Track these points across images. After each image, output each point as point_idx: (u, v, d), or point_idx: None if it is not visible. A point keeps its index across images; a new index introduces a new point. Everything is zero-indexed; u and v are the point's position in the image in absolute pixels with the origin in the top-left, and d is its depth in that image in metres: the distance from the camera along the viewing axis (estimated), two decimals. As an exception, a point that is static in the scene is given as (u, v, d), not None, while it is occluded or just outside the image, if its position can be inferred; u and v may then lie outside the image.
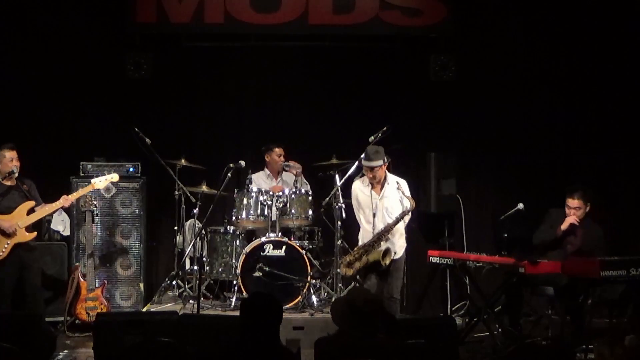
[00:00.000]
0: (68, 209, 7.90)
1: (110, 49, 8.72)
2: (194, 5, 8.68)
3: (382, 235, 6.84)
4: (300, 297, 7.52)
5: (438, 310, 8.38)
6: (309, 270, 7.63)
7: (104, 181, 7.55)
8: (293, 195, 7.87)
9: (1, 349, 4.49)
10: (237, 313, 4.42)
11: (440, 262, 7.18)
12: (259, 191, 7.89)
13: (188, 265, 8.19)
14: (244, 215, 7.86)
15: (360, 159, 7.05)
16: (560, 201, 7.26)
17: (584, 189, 7.14)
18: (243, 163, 7.53)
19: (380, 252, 6.79)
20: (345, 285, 7.78)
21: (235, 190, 7.97)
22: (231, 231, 8.01)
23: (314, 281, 7.73)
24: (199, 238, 7.96)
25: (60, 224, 8.14)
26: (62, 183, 8.01)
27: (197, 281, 7.45)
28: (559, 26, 8.88)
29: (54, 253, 7.90)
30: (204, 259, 7.86)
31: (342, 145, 8.21)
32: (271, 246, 7.65)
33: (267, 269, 7.52)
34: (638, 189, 8.82)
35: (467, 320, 7.36)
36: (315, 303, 7.51)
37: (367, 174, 6.91)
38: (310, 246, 8.07)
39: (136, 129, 7.89)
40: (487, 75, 8.93)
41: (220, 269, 7.97)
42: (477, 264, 6.87)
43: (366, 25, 8.80)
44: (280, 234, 7.78)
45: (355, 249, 7.03)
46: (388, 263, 6.82)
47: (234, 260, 7.86)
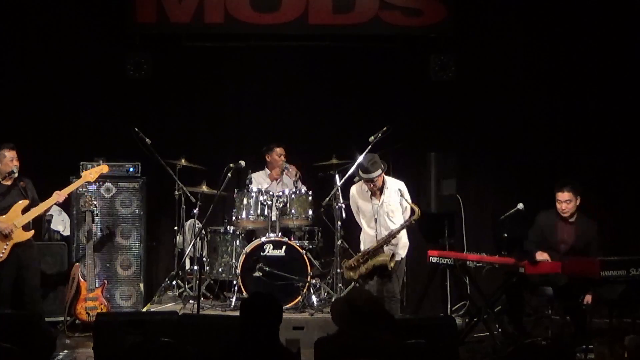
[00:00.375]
0: (68, 208, 7.92)
1: (110, 49, 8.72)
2: (194, 5, 8.69)
3: (387, 241, 6.84)
4: (300, 297, 7.52)
5: (438, 310, 8.38)
6: (309, 270, 7.63)
7: (94, 173, 7.53)
8: (293, 195, 7.88)
9: (1, 349, 4.49)
10: (237, 313, 4.42)
11: (440, 262, 7.17)
12: (259, 191, 7.90)
13: (188, 265, 8.19)
14: (244, 215, 7.86)
15: (358, 168, 6.97)
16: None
17: (573, 183, 7.16)
18: (243, 163, 7.53)
19: (387, 256, 6.77)
20: (345, 285, 7.78)
21: (235, 190, 7.97)
22: (231, 231, 8.01)
23: (314, 281, 7.73)
24: (199, 238, 7.96)
25: (60, 224, 8.14)
26: (62, 183, 8.01)
27: (197, 281, 7.45)
28: (559, 26, 8.88)
29: (54, 253, 7.89)
30: (204, 259, 7.87)
31: (342, 145, 8.20)
32: (271, 246, 7.66)
33: (267, 269, 7.52)
34: (638, 189, 8.82)
35: (467, 320, 7.36)
36: (315, 303, 7.51)
37: (368, 185, 6.89)
38: (310, 246, 8.07)
39: (136, 129, 7.88)
40: (487, 75, 8.93)
41: (220, 269, 7.97)
42: (477, 264, 6.87)
43: (366, 25, 8.80)
44: (280, 234, 7.78)
45: (360, 253, 6.99)
46: (393, 265, 6.81)
47: (234, 260, 7.86)
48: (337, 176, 7.79)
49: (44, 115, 8.67)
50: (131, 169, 8.14)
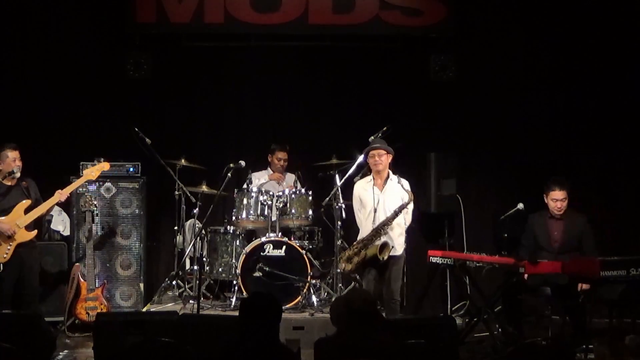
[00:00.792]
0: (68, 208, 7.91)
1: (110, 49, 8.72)
2: (194, 5, 8.69)
3: (381, 229, 6.87)
4: (300, 297, 7.52)
5: (438, 310, 8.38)
6: (309, 270, 7.63)
7: (95, 171, 7.53)
8: (293, 195, 7.88)
9: (1, 349, 4.49)
10: (237, 313, 4.42)
11: (440, 262, 7.16)
12: (259, 191, 7.90)
13: (188, 265, 8.19)
14: (244, 215, 7.86)
15: (365, 152, 7.10)
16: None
17: (565, 180, 7.20)
18: (243, 163, 7.53)
19: (376, 247, 6.82)
20: (345, 285, 7.79)
21: (235, 190, 7.97)
22: (231, 231, 8.01)
23: (314, 281, 7.73)
24: (199, 238, 7.96)
25: (60, 224, 8.14)
26: (62, 183, 8.01)
27: (197, 281, 7.45)
28: (559, 26, 8.87)
29: (54, 253, 7.89)
30: (204, 259, 7.87)
31: (342, 145, 8.21)
32: (271, 246, 7.66)
33: (267, 269, 7.52)
34: (638, 189, 8.82)
35: (467, 320, 7.35)
36: (315, 303, 7.51)
37: (372, 160, 6.96)
38: (310, 246, 8.07)
39: (136, 129, 7.89)
40: (487, 75, 8.93)
41: (220, 269, 7.97)
42: (477, 264, 6.86)
43: (366, 25, 8.80)
44: (280, 234, 7.78)
45: (354, 243, 7.06)
46: (386, 257, 6.82)
47: (234, 260, 7.86)
48: (337, 176, 7.80)
49: (44, 115, 8.66)
50: (131, 169, 8.14)
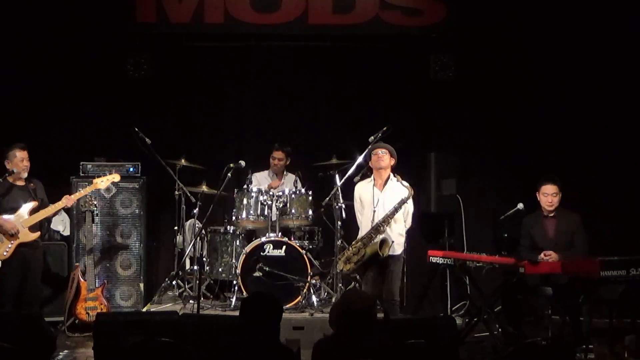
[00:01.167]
0: (68, 209, 7.91)
1: (110, 49, 8.72)
2: (194, 5, 8.69)
3: (380, 226, 6.88)
4: (300, 297, 7.52)
5: (438, 310, 8.38)
6: (309, 270, 7.63)
7: (106, 181, 7.57)
8: (293, 195, 7.87)
9: (1, 349, 4.49)
10: (237, 313, 4.42)
11: (440, 262, 7.17)
12: (259, 191, 7.89)
13: (188, 265, 8.19)
14: (244, 215, 7.85)
15: (368, 149, 7.12)
16: (562, 201, 7.28)
17: (556, 176, 7.23)
18: (243, 163, 7.53)
19: (376, 244, 6.82)
20: (345, 285, 7.79)
21: (235, 190, 7.97)
22: (231, 231, 8.01)
23: (314, 281, 7.72)
24: (199, 238, 7.96)
25: (60, 224, 8.14)
26: (62, 183, 8.02)
27: (197, 281, 7.45)
28: (558, 26, 8.87)
29: (54, 253, 7.91)
30: (204, 259, 7.87)
31: (342, 145, 8.21)
32: (271, 246, 7.65)
33: (267, 269, 7.52)
34: (638, 189, 8.82)
35: (467, 320, 7.36)
36: (315, 303, 7.50)
37: (375, 157, 6.99)
38: (310, 246, 8.07)
39: (136, 129, 7.89)
40: (487, 75, 8.92)
41: (220, 269, 7.97)
42: (477, 264, 6.86)
43: (366, 25, 8.81)
44: (280, 234, 7.78)
45: (353, 243, 7.06)
46: (387, 253, 6.83)
47: (234, 260, 7.86)
48: (337, 176, 7.79)
49: (44, 114, 8.66)
50: (131, 169, 8.14)
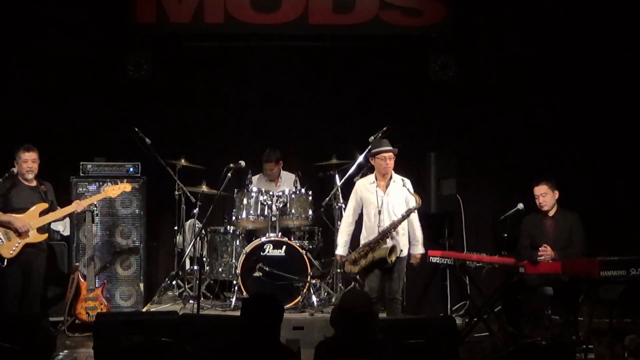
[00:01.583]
0: (68, 209, 7.93)
1: (110, 49, 8.72)
2: (194, 5, 8.69)
3: (388, 232, 6.85)
4: (300, 297, 7.52)
5: (438, 310, 8.38)
6: (309, 270, 7.63)
7: (117, 190, 7.57)
8: (293, 195, 7.87)
9: (1, 349, 4.49)
10: (237, 313, 4.42)
11: (440, 262, 7.17)
12: (259, 191, 7.90)
13: (188, 265, 8.19)
14: (244, 215, 7.85)
15: (373, 153, 7.03)
16: (562, 202, 7.28)
17: (548, 177, 7.27)
18: (243, 163, 7.53)
19: (386, 250, 6.80)
20: (345, 285, 7.79)
21: (235, 190, 7.97)
22: (231, 231, 8.01)
23: (314, 281, 7.72)
24: (199, 238, 7.96)
25: (60, 224, 8.13)
26: (62, 183, 8.02)
27: (197, 281, 7.45)
28: (558, 26, 8.87)
29: (54, 253, 7.89)
30: (204, 259, 7.87)
31: (342, 145, 8.21)
32: (271, 246, 7.65)
33: (267, 269, 7.52)
34: (638, 189, 8.82)
35: (467, 320, 7.36)
36: (315, 303, 7.50)
37: (381, 163, 6.90)
38: (310, 246, 8.07)
39: (136, 129, 7.89)
40: (487, 75, 8.93)
41: (220, 269, 7.97)
42: (477, 264, 6.87)
43: (366, 25, 8.80)
44: (280, 234, 7.78)
45: (361, 246, 7.01)
46: (394, 260, 6.82)
47: (234, 260, 7.86)
48: (337, 176, 7.80)
49: (44, 115, 8.67)
50: (131, 169, 8.15)
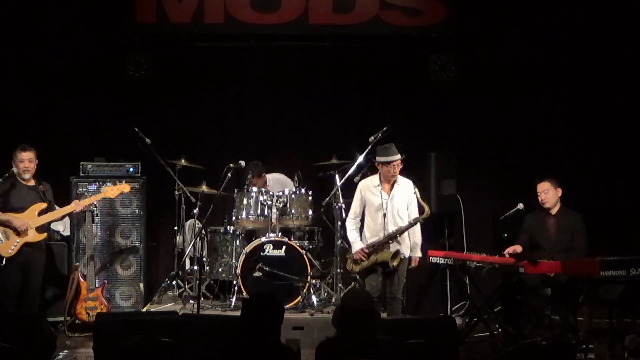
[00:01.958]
0: (68, 209, 7.93)
1: (110, 49, 8.72)
2: (194, 5, 8.70)
3: (393, 237, 6.85)
4: (300, 297, 7.52)
5: (438, 310, 8.38)
6: (309, 270, 7.63)
7: (116, 190, 7.57)
8: (293, 195, 7.87)
9: (1, 349, 4.49)
10: (237, 313, 4.42)
11: (440, 262, 7.17)
12: (259, 191, 7.89)
13: (188, 265, 8.19)
14: (244, 215, 7.85)
15: (372, 158, 7.06)
16: (562, 201, 7.28)
17: (551, 175, 7.23)
18: (243, 163, 7.54)
19: (390, 254, 6.80)
20: (345, 285, 7.78)
21: (235, 190, 7.97)
22: (231, 231, 8.01)
23: (314, 281, 7.72)
24: (199, 238, 7.96)
25: (60, 224, 8.14)
26: (62, 183, 8.02)
27: (197, 281, 7.45)
28: (558, 26, 8.88)
29: (54, 253, 7.89)
30: (204, 259, 7.87)
31: (342, 145, 8.21)
32: (271, 246, 7.65)
33: (267, 269, 7.52)
34: (638, 189, 8.82)
35: (467, 320, 7.36)
36: (315, 303, 7.50)
37: (388, 171, 6.88)
38: (310, 246, 8.07)
39: (136, 129, 7.89)
40: (487, 75, 8.93)
41: (220, 269, 7.96)
42: (477, 264, 6.87)
43: (366, 25, 8.81)
44: (280, 234, 7.78)
45: (365, 246, 6.99)
46: (396, 264, 6.82)
47: (234, 260, 7.86)
48: (337, 176, 7.79)
49: (44, 115, 8.67)
50: (131, 169, 8.15)
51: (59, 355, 6.75)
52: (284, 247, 7.66)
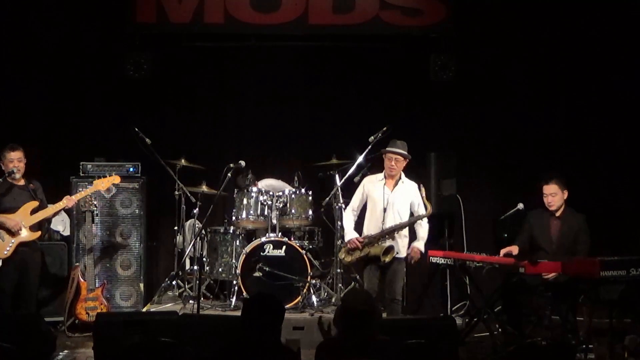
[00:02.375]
0: (68, 209, 7.91)
1: (110, 49, 8.73)
2: (194, 5, 8.70)
3: (391, 233, 6.86)
4: (300, 297, 7.52)
5: (438, 310, 8.37)
6: (309, 270, 7.63)
7: (106, 182, 7.56)
8: (293, 195, 7.88)
9: (1, 349, 4.50)
10: (237, 313, 4.42)
11: (440, 262, 7.18)
12: (259, 191, 7.90)
13: (188, 265, 8.20)
14: (244, 215, 7.86)
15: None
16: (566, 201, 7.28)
17: (559, 175, 7.15)
18: (243, 163, 7.52)
19: (382, 249, 6.81)
20: (345, 285, 7.79)
21: (235, 190, 7.97)
22: (231, 231, 8.01)
23: (314, 281, 7.72)
24: (199, 238, 7.96)
25: (60, 224, 8.14)
26: (62, 183, 8.02)
27: (197, 281, 7.45)
28: (558, 26, 8.88)
29: (54, 253, 7.90)
30: (204, 259, 7.87)
31: (342, 145, 8.21)
32: (271, 246, 7.66)
33: (267, 269, 7.52)
34: (638, 189, 8.82)
35: (467, 320, 7.36)
36: (315, 303, 7.50)
37: (387, 162, 6.94)
38: (310, 246, 8.07)
39: (136, 129, 7.89)
40: (487, 76, 8.93)
41: (220, 269, 7.97)
42: (477, 264, 6.86)
43: (366, 25, 8.81)
44: (280, 234, 7.78)
45: (361, 237, 7.02)
46: (388, 261, 6.83)
47: (234, 260, 7.86)
48: (337, 176, 7.80)
49: (44, 115, 8.68)
50: (131, 169, 8.14)
51: (59, 355, 6.75)
52: (284, 247, 7.66)
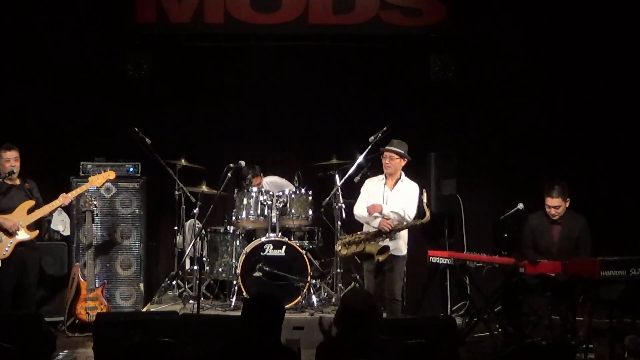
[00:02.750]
0: (68, 208, 7.91)
1: (110, 49, 8.73)
2: (194, 5, 8.70)
3: (388, 234, 6.86)
4: (300, 297, 7.52)
5: (438, 310, 8.38)
6: (309, 270, 7.63)
7: (101, 178, 7.55)
8: (293, 195, 7.88)
9: (1, 349, 4.49)
10: (237, 313, 4.42)
11: (440, 262, 7.18)
12: (259, 191, 7.90)
13: (188, 265, 8.20)
14: (244, 215, 7.85)
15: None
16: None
17: (562, 186, 7.10)
18: (243, 163, 7.54)
19: (377, 247, 6.82)
20: (345, 285, 7.78)
21: (235, 190, 7.97)
22: (231, 231, 8.01)
23: (314, 281, 7.72)
24: (199, 238, 7.96)
25: (60, 224, 8.14)
26: (62, 183, 8.02)
27: (197, 281, 7.45)
28: (558, 26, 8.88)
29: (54, 253, 7.90)
30: (204, 259, 7.87)
31: (342, 145, 8.21)
32: (271, 246, 7.65)
33: (267, 269, 7.52)
34: (638, 189, 8.82)
35: (467, 320, 7.36)
36: (315, 303, 7.50)
37: (383, 160, 6.98)
38: (310, 246, 8.07)
39: (136, 129, 7.89)
40: (487, 76, 8.93)
41: (220, 269, 7.96)
42: (477, 264, 6.87)
43: (366, 25, 8.81)
44: (280, 234, 7.78)
45: (358, 232, 7.04)
46: (381, 260, 6.83)
47: (234, 260, 7.85)
48: (337, 176, 7.79)
49: (44, 115, 8.67)
50: (131, 169, 8.14)
51: (59, 355, 6.75)
52: (284, 247, 7.66)
